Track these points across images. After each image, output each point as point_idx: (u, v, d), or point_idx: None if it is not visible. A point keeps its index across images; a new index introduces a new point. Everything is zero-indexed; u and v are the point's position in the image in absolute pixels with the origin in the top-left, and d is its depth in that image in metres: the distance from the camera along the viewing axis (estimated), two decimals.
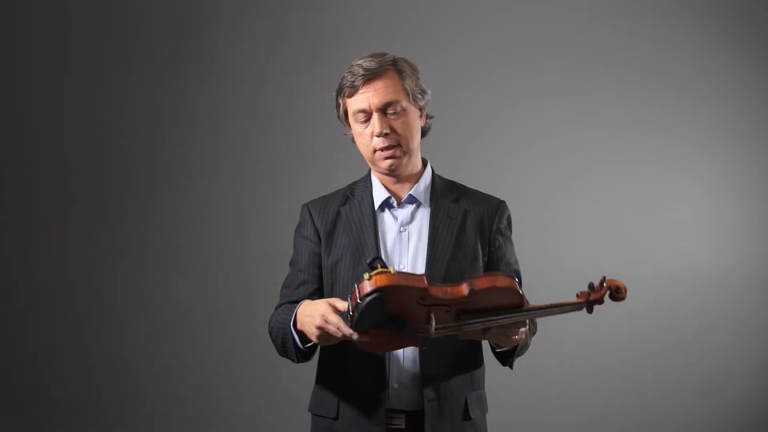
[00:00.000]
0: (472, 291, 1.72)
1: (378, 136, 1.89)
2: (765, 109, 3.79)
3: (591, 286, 1.82)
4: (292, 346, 1.87)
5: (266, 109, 3.58)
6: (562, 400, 3.60)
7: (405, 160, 1.93)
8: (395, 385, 1.86)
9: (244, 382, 3.48)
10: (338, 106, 1.97)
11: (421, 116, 1.96)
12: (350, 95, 1.92)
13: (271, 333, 1.96)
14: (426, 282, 1.69)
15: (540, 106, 3.69)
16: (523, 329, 1.79)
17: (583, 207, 3.66)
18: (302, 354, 1.88)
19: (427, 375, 1.85)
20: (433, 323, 1.70)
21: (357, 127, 1.93)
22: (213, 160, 3.56)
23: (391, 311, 1.68)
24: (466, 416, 1.90)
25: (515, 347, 1.86)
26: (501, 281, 1.73)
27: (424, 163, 2.01)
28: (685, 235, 3.73)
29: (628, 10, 3.76)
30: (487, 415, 1.99)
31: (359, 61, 1.91)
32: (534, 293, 2.03)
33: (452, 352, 1.88)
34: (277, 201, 3.40)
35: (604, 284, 1.83)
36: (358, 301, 1.65)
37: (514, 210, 2.05)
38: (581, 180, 3.69)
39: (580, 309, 1.83)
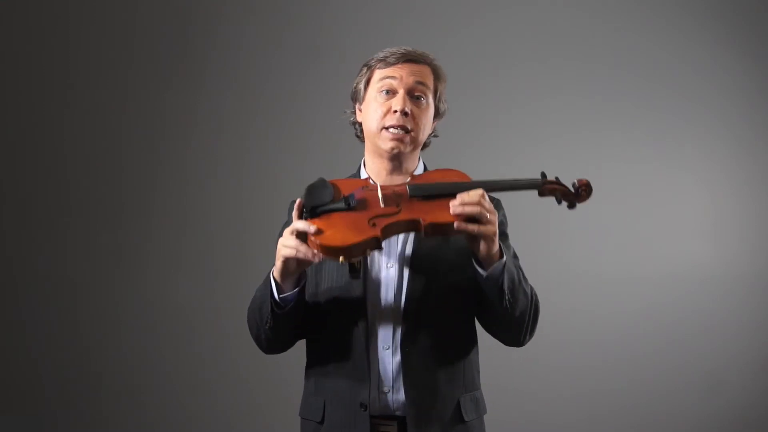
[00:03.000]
0: (412, 176, 1.81)
1: (396, 113, 1.85)
2: (765, 109, 3.79)
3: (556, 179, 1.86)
4: (269, 303, 1.79)
5: (266, 109, 3.58)
6: (561, 400, 3.60)
7: (408, 149, 1.89)
8: (385, 389, 1.81)
9: (245, 383, 3.48)
10: (360, 76, 1.93)
11: (433, 121, 1.94)
12: (383, 66, 1.89)
13: (249, 308, 1.91)
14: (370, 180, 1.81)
15: (539, 106, 3.69)
16: (487, 203, 1.69)
17: (582, 207, 3.65)
18: (277, 306, 1.79)
19: (412, 379, 1.79)
20: (379, 188, 1.75)
21: (375, 99, 1.89)
22: (212, 159, 3.56)
23: (340, 194, 1.74)
24: (459, 419, 1.83)
25: (503, 270, 1.73)
26: (441, 168, 1.83)
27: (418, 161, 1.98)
28: (685, 234, 3.73)
29: (628, 10, 3.75)
30: (486, 416, 1.95)
31: (398, 46, 1.91)
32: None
33: (440, 353, 1.82)
34: (277, 201, 3.38)
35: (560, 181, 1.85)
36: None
37: (514, 210, 2.04)
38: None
39: (534, 188, 1.86)
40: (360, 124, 1.96)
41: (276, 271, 1.77)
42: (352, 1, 3.67)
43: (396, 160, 1.90)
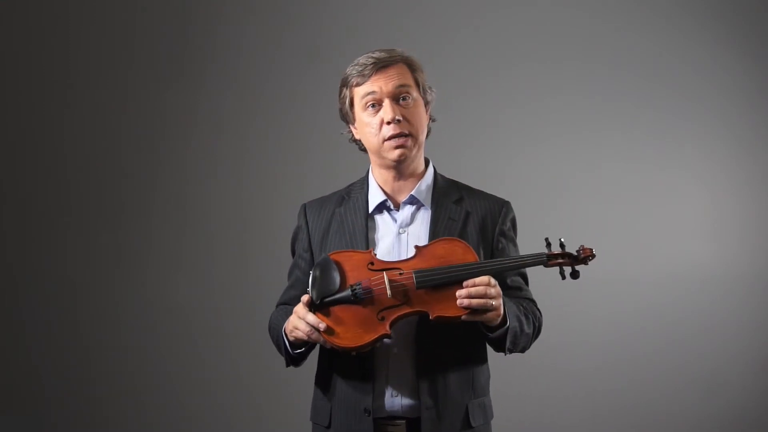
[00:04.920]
0: (417, 248, 1.80)
1: (389, 123, 1.85)
2: (765, 109, 3.79)
3: (560, 244, 1.86)
4: (284, 351, 1.89)
5: (266, 109, 3.58)
6: (561, 401, 3.60)
7: (414, 152, 1.89)
8: (394, 393, 1.83)
9: (245, 383, 3.48)
10: (343, 97, 1.93)
11: (426, 112, 1.94)
12: (359, 83, 1.88)
13: (269, 331, 1.98)
14: (373, 252, 1.82)
15: (539, 106, 3.69)
16: (493, 290, 1.72)
17: (582, 207, 3.66)
18: (292, 359, 1.89)
19: (425, 382, 1.82)
20: (386, 279, 1.74)
21: (364, 116, 1.89)
22: (213, 160, 3.56)
23: (345, 278, 1.77)
24: (467, 425, 1.85)
25: (506, 332, 1.79)
26: (446, 238, 1.83)
27: (426, 163, 1.98)
28: (684, 234, 3.73)
29: (629, 10, 3.75)
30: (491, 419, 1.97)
31: (366, 54, 1.90)
32: (534, 292, 2.04)
33: (451, 358, 1.85)
34: (277, 201, 3.40)
35: (564, 247, 1.86)
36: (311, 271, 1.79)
37: (514, 210, 2.04)
38: (581, 180, 3.69)
39: (540, 263, 1.84)
40: (360, 141, 1.97)
41: (289, 336, 1.84)
42: (352, 1, 3.67)
43: (402, 166, 1.91)
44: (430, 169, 1.97)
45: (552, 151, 3.68)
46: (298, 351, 1.86)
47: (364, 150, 1.99)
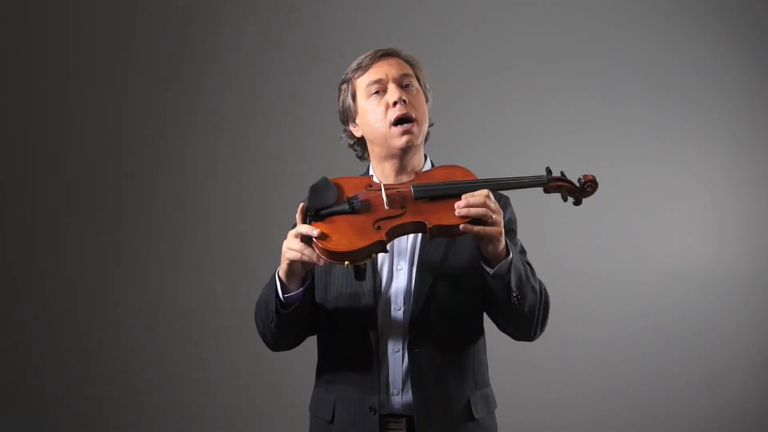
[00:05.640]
0: (417, 173, 1.80)
1: (395, 104, 1.84)
2: (765, 109, 3.79)
3: (561, 174, 1.86)
4: (274, 303, 1.80)
5: (266, 109, 3.59)
6: (561, 400, 3.60)
7: (419, 139, 1.88)
8: (394, 391, 1.82)
9: (245, 381, 3.49)
10: (344, 93, 1.92)
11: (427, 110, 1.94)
12: (362, 75, 1.88)
13: (256, 305, 1.91)
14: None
15: (539, 106, 3.69)
16: (492, 204, 1.68)
17: (582, 207, 3.65)
18: (282, 305, 1.80)
19: (420, 380, 1.81)
20: (383, 190, 1.73)
21: (368, 104, 1.87)
22: (212, 159, 3.57)
23: (343, 195, 1.74)
24: (470, 417, 1.84)
25: (510, 266, 1.73)
26: (446, 165, 1.83)
27: (425, 159, 1.97)
28: (685, 234, 3.73)
29: (628, 10, 3.76)
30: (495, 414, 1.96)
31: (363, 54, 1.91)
32: None
33: (447, 355, 1.84)
34: (277, 201, 3.39)
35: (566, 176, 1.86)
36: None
37: (514, 210, 2.03)
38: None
39: (540, 185, 1.84)
40: (359, 142, 1.96)
41: (281, 272, 1.78)
42: (352, 1, 3.67)
43: (405, 158, 1.89)
44: (428, 166, 1.96)
45: (552, 151, 3.68)
46: (289, 295, 1.79)
47: (361, 157, 1.98)
